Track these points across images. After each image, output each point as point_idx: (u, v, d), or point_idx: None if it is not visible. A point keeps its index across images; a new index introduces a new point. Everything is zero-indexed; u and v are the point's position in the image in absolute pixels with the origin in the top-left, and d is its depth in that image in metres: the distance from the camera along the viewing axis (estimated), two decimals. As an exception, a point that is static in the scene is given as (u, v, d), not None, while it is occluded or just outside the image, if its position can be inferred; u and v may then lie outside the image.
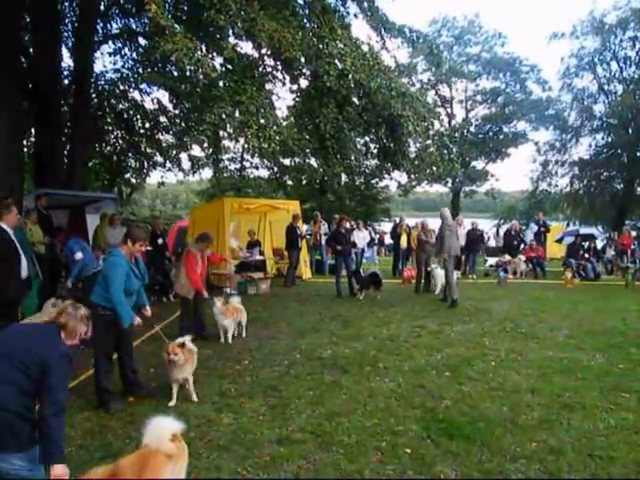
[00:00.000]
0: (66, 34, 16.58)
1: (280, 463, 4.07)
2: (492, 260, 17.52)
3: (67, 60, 16.89)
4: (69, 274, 9.13)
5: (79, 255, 8.47)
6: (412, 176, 32.14)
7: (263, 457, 4.16)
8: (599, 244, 19.44)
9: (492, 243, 21.37)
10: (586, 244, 17.15)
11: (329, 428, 4.71)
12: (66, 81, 16.84)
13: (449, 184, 37.63)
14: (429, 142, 12.90)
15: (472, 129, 36.87)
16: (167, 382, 5.47)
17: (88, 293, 5.44)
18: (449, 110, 37.67)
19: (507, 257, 16.27)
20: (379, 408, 5.20)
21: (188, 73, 8.58)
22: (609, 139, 28.33)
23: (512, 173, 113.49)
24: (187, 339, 5.58)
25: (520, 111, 34.66)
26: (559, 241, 20.49)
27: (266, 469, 3.98)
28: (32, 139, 16.92)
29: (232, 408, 5.20)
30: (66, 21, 16.48)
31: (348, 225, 13.83)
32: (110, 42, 17.41)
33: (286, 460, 4.11)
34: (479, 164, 37.38)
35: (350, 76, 10.22)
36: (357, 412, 5.09)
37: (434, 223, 13.55)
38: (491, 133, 36.29)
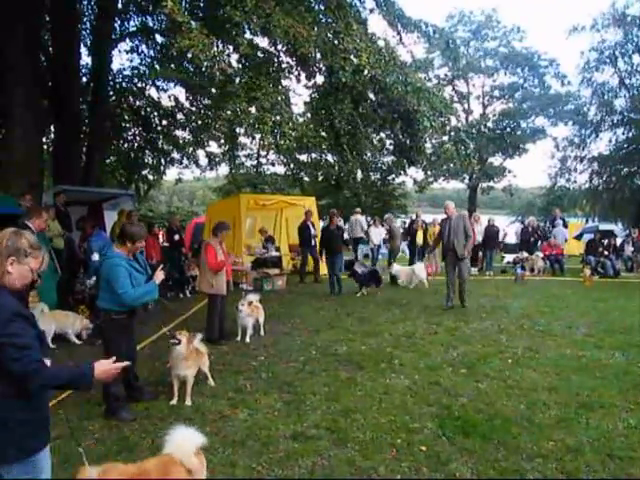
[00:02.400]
0: (84, 32, 16.75)
1: (295, 459, 4.07)
2: (509, 257, 17.35)
3: (85, 58, 17.07)
4: (87, 270, 9.27)
5: (95, 257, 8.53)
6: (428, 172, 32.06)
7: (278, 453, 4.17)
8: (619, 241, 19.13)
9: (512, 240, 21.13)
10: (605, 241, 16.88)
11: (344, 424, 4.70)
12: (84, 79, 17.01)
13: (466, 180, 37.33)
14: (445, 138, 12.82)
15: (489, 125, 36.44)
16: (169, 379, 5.45)
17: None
18: (466, 106, 37.35)
19: (524, 254, 16.12)
20: (394, 405, 5.18)
21: (204, 69, 8.60)
22: (630, 134, 27.83)
23: (530, 169, 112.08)
24: (197, 338, 5.58)
25: (538, 106, 34.18)
26: (578, 238, 20.22)
27: (281, 465, 3.99)
28: (51, 136, 17.14)
29: (247, 404, 5.22)
30: (84, 19, 16.65)
31: (341, 222, 13.71)
32: (127, 40, 17.55)
33: (301, 456, 4.11)
34: (496, 160, 37.00)
35: (365, 71, 10.20)
36: (372, 409, 5.08)
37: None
38: (509, 129, 35.83)
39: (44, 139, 15.68)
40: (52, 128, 16.58)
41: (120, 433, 4.54)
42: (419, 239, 15.84)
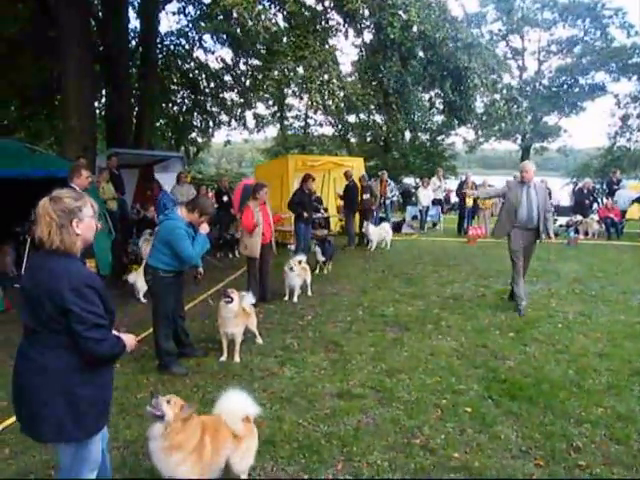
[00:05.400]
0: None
1: (340, 416, 4.16)
2: (562, 220, 16.80)
3: (133, 21, 17.21)
4: (141, 231, 9.57)
5: None
6: (479, 132, 31.15)
7: (324, 410, 4.27)
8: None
9: (566, 202, 20.45)
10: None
11: (390, 384, 4.76)
12: (133, 43, 17.19)
13: (518, 141, 36.07)
14: (497, 96, 12.36)
15: (545, 82, 34.88)
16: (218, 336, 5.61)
17: None
18: (520, 62, 35.76)
19: (578, 217, 15.57)
20: (440, 366, 5.19)
21: (249, 28, 8.52)
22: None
23: (587, 129, 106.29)
24: (248, 297, 5.70)
25: (599, 61, 32.21)
26: (638, 201, 19.33)
27: (326, 421, 4.08)
28: (103, 100, 17.50)
29: (295, 362, 5.34)
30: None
31: (314, 186, 12.87)
32: (174, 0, 17.56)
33: (346, 414, 4.19)
34: (551, 119, 35.52)
35: (414, 27, 9.91)
36: (418, 369, 5.11)
37: (497, 182, 13.01)
38: (565, 86, 34.15)
39: (96, 103, 16.03)
40: (103, 92, 16.91)
41: (173, 387, 4.74)
42: (469, 201, 15.53)
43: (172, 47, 18.42)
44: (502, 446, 3.72)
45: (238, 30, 14.09)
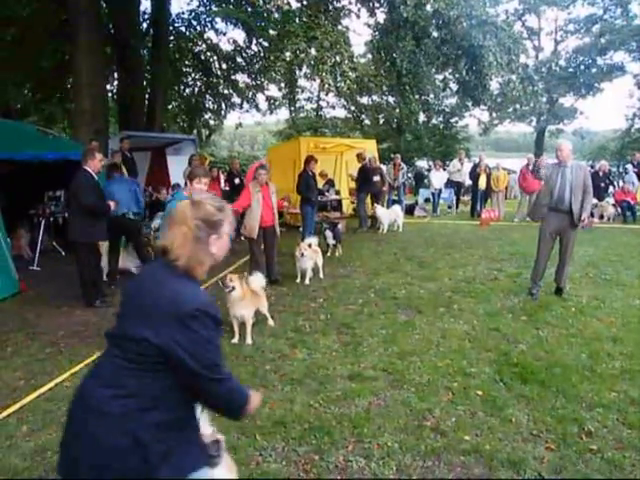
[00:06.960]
0: (144, -25, 16.71)
1: (351, 398, 4.17)
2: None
3: (144, 2, 17.11)
4: (153, 214, 9.62)
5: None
6: (494, 114, 30.76)
7: (335, 392, 4.29)
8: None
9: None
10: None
11: (401, 367, 4.76)
12: (144, 25, 17.10)
13: (533, 123, 35.56)
14: (513, 77, 12.17)
15: (561, 62, 34.24)
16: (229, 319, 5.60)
17: None
18: (536, 43, 35.15)
19: (594, 200, 15.33)
20: (452, 349, 5.18)
21: (260, 7, 8.45)
22: None
23: (604, 110, 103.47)
24: (258, 279, 5.71)
25: (619, 40, 31.39)
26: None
27: (337, 403, 4.10)
28: (115, 83, 17.51)
29: (306, 344, 5.36)
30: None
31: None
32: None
33: (357, 395, 4.21)
34: (567, 101, 34.92)
35: (428, 6, 9.74)
36: (429, 352, 5.10)
37: (510, 164, 12.85)
38: (582, 66, 33.49)
39: (108, 86, 16.03)
40: (115, 75, 16.92)
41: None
42: (482, 183, 15.40)
43: (183, 29, 18.31)
44: (513, 429, 3.71)
45: (249, 10, 13.98)
